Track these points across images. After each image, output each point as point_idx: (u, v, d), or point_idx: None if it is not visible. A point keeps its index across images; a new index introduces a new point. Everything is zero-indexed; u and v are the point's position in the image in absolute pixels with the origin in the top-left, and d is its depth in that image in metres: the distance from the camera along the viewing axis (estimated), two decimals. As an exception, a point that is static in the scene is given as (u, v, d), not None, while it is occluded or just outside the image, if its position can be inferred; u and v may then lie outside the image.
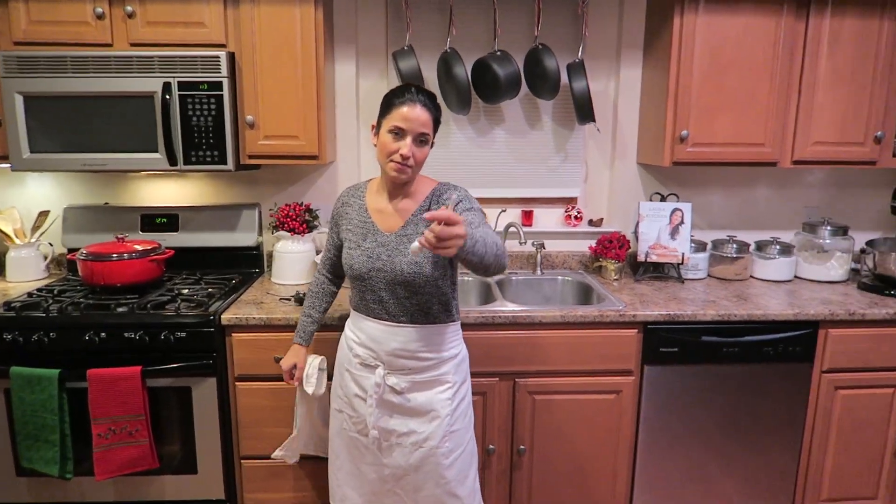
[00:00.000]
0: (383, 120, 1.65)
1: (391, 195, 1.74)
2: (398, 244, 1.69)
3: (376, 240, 1.71)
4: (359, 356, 1.76)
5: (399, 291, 1.69)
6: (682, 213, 2.55)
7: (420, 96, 1.63)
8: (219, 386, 2.07)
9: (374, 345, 1.73)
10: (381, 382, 1.71)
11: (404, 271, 1.66)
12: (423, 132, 1.62)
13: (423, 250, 1.40)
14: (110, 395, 1.96)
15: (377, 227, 1.72)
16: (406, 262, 1.66)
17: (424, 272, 1.66)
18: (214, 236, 2.55)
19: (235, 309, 2.12)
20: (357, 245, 1.72)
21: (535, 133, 2.68)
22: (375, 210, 1.75)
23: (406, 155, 1.60)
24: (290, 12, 2.18)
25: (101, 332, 2.00)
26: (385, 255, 1.68)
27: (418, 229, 1.69)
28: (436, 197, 1.73)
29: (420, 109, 1.61)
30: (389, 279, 1.68)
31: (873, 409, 2.25)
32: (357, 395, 1.77)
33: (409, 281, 1.66)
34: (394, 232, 1.71)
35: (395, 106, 1.62)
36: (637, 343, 2.17)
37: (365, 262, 1.69)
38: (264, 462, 2.17)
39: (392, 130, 1.62)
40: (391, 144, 1.62)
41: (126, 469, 2.01)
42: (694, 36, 2.27)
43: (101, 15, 2.14)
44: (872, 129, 2.35)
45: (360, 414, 1.77)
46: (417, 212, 1.72)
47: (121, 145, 2.18)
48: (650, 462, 2.26)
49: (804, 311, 2.17)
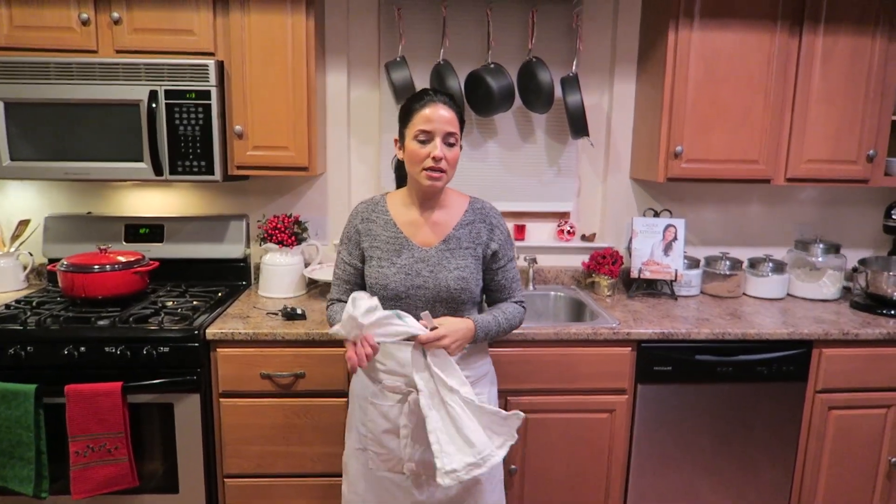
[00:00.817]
0: (406, 129, 1.59)
1: (422, 207, 1.66)
2: (440, 259, 1.61)
3: (413, 255, 1.62)
4: (387, 386, 1.63)
5: (438, 309, 1.61)
6: (675, 230, 2.53)
7: (440, 95, 1.57)
8: (202, 402, 2.01)
9: (403, 369, 1.60)
10: (415, 409, 1.57)
11: (451, 287, 1.59)
12: (449, 131, 1.55)
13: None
14: (89, 411, 1.89)
15: (412, 242, 1.63)
16: (452, 277, 1.59)
17: (470, 287, 1.61)
18: (201, 248, 2.49)
19: (221, 323, 2.07)
20: (391, 262, 1.61)
21: (528, 146, 2.65)
22: (406, 223, 1.65)
23: (438, 156, 1.53)
24: (280, 21, 2.14)
25: (81, 347, 1.93)
26: (426, 270, 1.60)
27: (461, 244, 1.63)
28: (477, 213, 1.67)
29: (443, 108, 1.55)
30: (431, 296, 1.60)
31: (866, 430, 2.23)
32: (387, 431, 1.63)
33: (453, 297, 1.60)
34: (433, 246, 1.63)
35: (415, 111, 1.56)
36: (631, 361, 2.14)
37: (403, 279, 1.60)
38: (249, 481, 2.11)
39: (417, 137, 1.55)
40: (420, 151, 1.55)
41: (104, 488, 1.94)
42: (689, 51, 2.26)
43: (86, 21, 2.09)
44: (865, 147, 2.35)
45: (390, 450, 1.64)
46: (459, 225, 1.65)
47: (105, 154, 2.13)
48: (643, 482, 2.22)
49: (798, 331, 2.15)
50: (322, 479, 2.12)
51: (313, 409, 2.07)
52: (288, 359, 2.04)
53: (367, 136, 2.62)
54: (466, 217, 1.66)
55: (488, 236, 1.66)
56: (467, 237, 1.64)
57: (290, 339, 2.02)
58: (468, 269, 1.61)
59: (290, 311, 2.13)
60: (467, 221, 1.66)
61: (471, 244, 1.64)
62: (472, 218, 1.67)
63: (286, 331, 2.02)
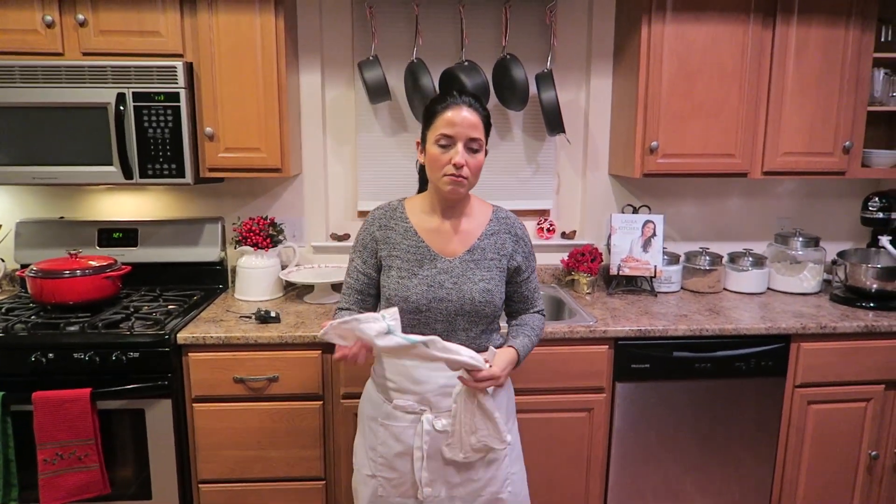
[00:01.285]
0: (428, 132, 1.50)
1: (444, 215, 1.57)
2: (465, 270, 1.53)
3: (436, 266, 1.53)
4: (399, 406, 1.55)
5: (459, 322, 1.53)
6: (654, 226, 2.51)
7: (464, 97, 1.48)
8: (174, 408, 1.99)
9: (417, 387, 1.53)
10: (429, 429, 1.51)
11: (475, 299, 1.51)
12: (473, 136, 1.46)
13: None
14: (57, 418, 1.87)
15: (434, 252, 1.54)
16: (477, 290, 1.52)
17: (495, 300, 1.54)
18: (176, 251, 2.47)
19: (193, 327, 2.04)
20: (412, 273, 1.52)
21: (505, 144, 2.63)
22: (427, 232, 1.56)
23: (459, 163, 1.44)
24: (249, 21, 2.12)
25: (49, 353, 1.91)
26: (450, 282, 1.52)
27: (486, 255, 1.56)
28: (502, 223, 1.60)
29: (467, 111, 1.46)
30: (453, 309, 1.51)
31: (846, 424, 2.22)
32: (399, 454, 1.55)
33: (477, 310, 1.52)
34: (457, 256, 1.55)
35: (437, 113, 1.47)
36: (608, 359, 2.12)
37: (425, 291, 1.51)
38: (224, 486, 2.09)
39: (438, 141, 1.46)
40: (441, 157, 1.46)
41: (75, 496, 1.92)
42: (662, 44, 2.25)
43: (50, 23, 2.06)
44: (841, 139, 2.34)
45: (402, 474, 1.56)
46: (483, 235, 1.57)
47: (73, 158, 2.11)
48: (623, 480, 2.21)
49: (776, 325, 2.14)
50: (298, 483, 2.10)
51: (288, 412, 2.04)
52: (261, 362, 2.01)
53: (343, 136, 2.60)
54: (491, 227, 1.59)
55: (513, 248, 1.60)
56: (492, 248, 1.57)
57: (263, 342, 2.00)
58: (493, 282, 1.54)
59: (264, 314, 2.11)
60: (492, 231, 1.58)
61: (496, 255, 1.57)
62: (497, 228, 1.59)
63: (259, 334, 2.00)
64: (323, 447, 2.09)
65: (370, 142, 2.59)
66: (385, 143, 2.59)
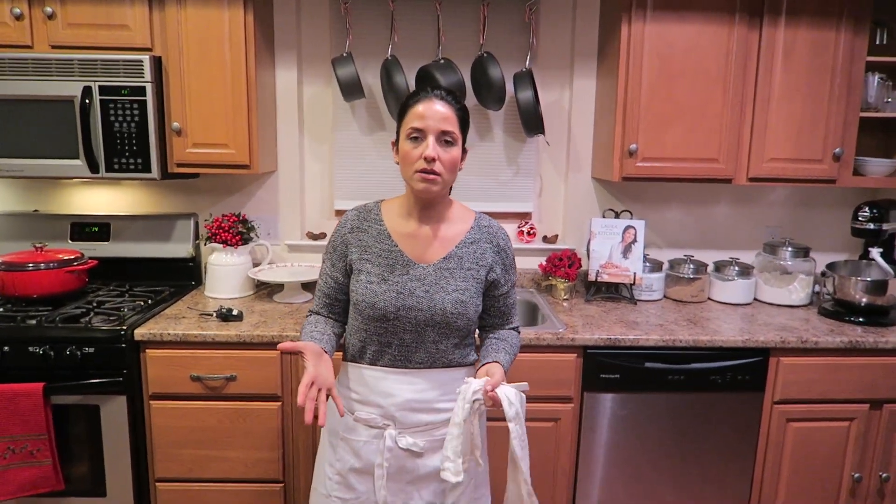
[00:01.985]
0: (400, 129, 1.44)
1: (421, 219, 1.48)
2: (438, 278, 1.44)
3: (408, 272, 1.45)
4: (361, 419, 1.48)
5: (428, 334, 1.45)
6: (635, 231, 2.43)
7: (437, 91, 1.42)
8: (130, 405, 1.97)
9: (380, 399, 1.46)
10: (392, 446, 1.45)
11: (447, 310, 1.43)
12: (445, 129, 1.38)
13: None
14: (9, 412, 1.85)
15: (407, 258, 1.46)
16: (450, 300, 1.43)
17: (469, 312, 1.46)
18: (147, 247, 2.45)
19: (152, 324, 2.02)
20: (381, 279, 1.44)
21: (485, 145, 2.58)
22: (402, 236, 1.48)
23: (430, 156, 1.36)
24: (217, 15, 2.10)
25: (4, 346, 1.90)
26: (421, 290, 1.43)
27: (463, 264, 1.47)
28: (483, 231, 1.52)
29: (439, 104, 1.39)
30: (423, 319, 1.43)
31: (828, 444, 2.11)
32: (354, 469, 1.48)
33: (448, 322, 1.44)
34: (431, 263, 1.46)
35: (409, 107, 1.41)
36: (576, 368, 2.05)
37: (394, 298, 1.42)
38: (181, 485, 2.06)
39: (410, 135, 1.39)
40: (412, 151, 1.39)
41: (27, 491, 1.91)
42: (643, 44, 2.17)
43: (19, 16, 2.06)
44: (831, 145, 2.24)
45: (360, 494, 1.48)
46: (462, 243, 1.49)
47: (40, 151, 2.10)
48: (591, 493, 2.13)
49: (753, 338, 2.05)
50: (255, 484, 2.06)
51: (245, 412, 2.01)
52: (219, 361, 1.98)
53: (320, 134, 2.56)
54: (471, 234, 1.50)
55: (493, 259, 1.51)
56: (470, 257, 1.48)
57: (221, 340, 1.97)
58: (468, 293, 1.45)
59: (226, 312, 2.08)
60: (471, 240, 1.50)
61: (473, 265, 1.48)
62: (478, 236, 1.51)
63: (217, 332, 1.97)
64: (282, 449, 2.05)
65: (347, 140, 2.55)
66: (362, 141, 2.55)
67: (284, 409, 2.03)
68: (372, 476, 1.48)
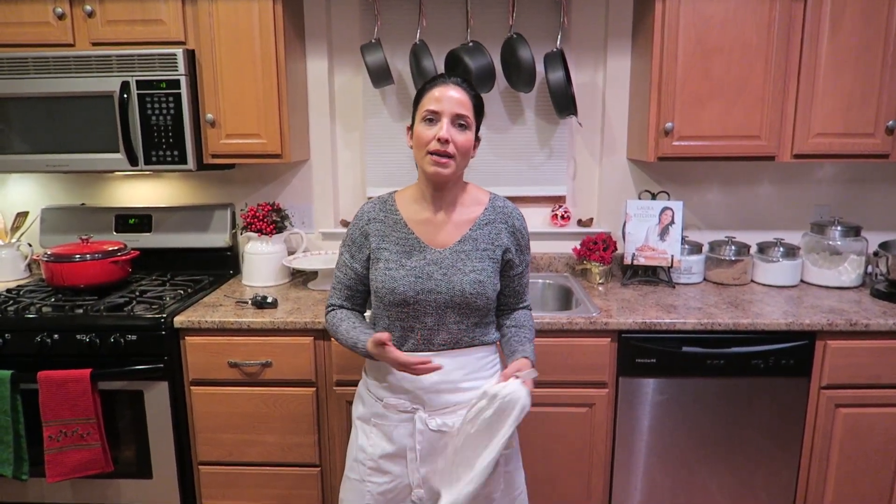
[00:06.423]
0: (416, 112, 1.48)
1: (435, 203, 1.51)
2: (455, 261, 1.47)
3: (425, 257, 1.48)
4: (391, 405, 1.50)
5: (449, 316, 1.47)
6: (672, 213, 2.36)
7: (453, 77, 1.46)
8: (171, 390, 2.03)
9: (407, 383, 1.48)
10: (423, 429, 1.47)
11: (465, 291, 1.45)
12: (460, 112, 1.42)
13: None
14: (60, 397, 1.94)
15: (423, 243, 1.49)
16: (468, 281, 1.45)
17: (487, 292, 1.48)
18: (187, 237, 2.52)
19: (191, 312, 2.07)
20: (399, 264, 1.47)
21: (516, 128, 2.54)
22: (418, 222, 1.51)
23: (444, 136, 1.39)
24: (247, 7, 2.12)
25: (54, 334, 1.98)
26: (439, 273, 1.46)
27: (478, 245, 1.49)
28: (498, 212, 1.53)
29: (454, 89, 1.43)
30: (442, 301, 1.46)
31: (880, 431, 2.02)
32: (390, 455, 1.50)
33: (468, 302, 1.46)
34: (448, 247, 1.49)
35: (425, 92, 1.46)
36: (610, 353, 2.01)
37: (413, 283, 1.45)
38: (222, 468, 2.12)
39: (425, 117, 1.43)
40: (426, 133, 1.42)
41: (78, 472, 1.99)
42: (678, 19, 2.09)
43: (61, 15, 2.13)
44: (883, 118, 2.11)
45: (394, 478, 1.51)
46: (476, 225, 1.51)
47: (83, 145, 2.17)
48: (628, 480, 2.10)
49: (798, 321, 1.96)
50: (293, 468, 2.11)
51: (281, 398, 2.05)
52: (255, 347, 2.03)
53: (351, 121, 2.57)
54: (486, 216, 1.52)
55: (509, 239, 1.53)
56: (485, 238, 1.50)
57: (256, 327, 2.01)
58: (485, 273, 1.47)
59: (261, 299, 2.12)
60: (486, 221, 1.52)
61: (489, 246, 1.51)
62: (493, 217, 1.53)
63: (252, 319, 2.01)
64: (317, 434, 2.08)
65: (378, 127, 2.55)
66: (393, 127, 2.55)
67: (319, 395, 2.07)
68: (405, 459, 1.50)
